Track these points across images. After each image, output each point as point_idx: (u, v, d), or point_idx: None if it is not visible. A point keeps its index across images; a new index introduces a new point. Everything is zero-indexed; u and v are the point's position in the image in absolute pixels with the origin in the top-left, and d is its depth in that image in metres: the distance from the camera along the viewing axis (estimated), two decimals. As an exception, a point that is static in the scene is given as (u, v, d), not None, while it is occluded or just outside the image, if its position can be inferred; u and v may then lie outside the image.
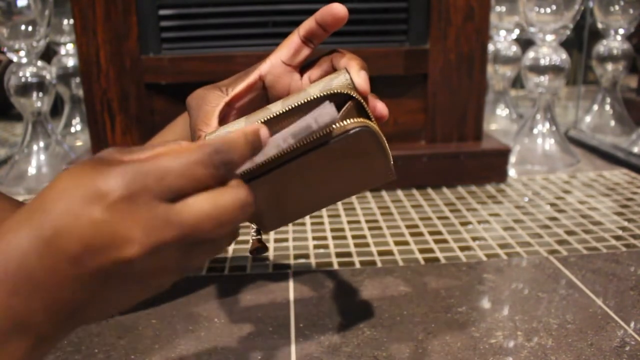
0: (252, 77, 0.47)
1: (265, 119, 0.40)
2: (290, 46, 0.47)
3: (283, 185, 0.40)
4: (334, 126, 0.37)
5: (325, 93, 0.40)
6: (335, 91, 0.40)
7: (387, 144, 0.41)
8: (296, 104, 0.40)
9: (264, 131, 0.33)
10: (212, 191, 0.30)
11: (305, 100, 0.40)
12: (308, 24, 0.46)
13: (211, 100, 0.46)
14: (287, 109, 0.40)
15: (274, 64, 0.47)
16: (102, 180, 0.28)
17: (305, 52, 0.47)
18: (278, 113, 0.40)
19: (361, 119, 0.39)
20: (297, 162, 0.38)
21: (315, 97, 0.40)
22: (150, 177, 0.29)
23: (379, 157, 0.41)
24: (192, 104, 0.47)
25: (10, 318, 0.28)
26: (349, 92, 0.40)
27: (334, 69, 0.46)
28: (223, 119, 0.46)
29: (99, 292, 0.29)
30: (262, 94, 0.49)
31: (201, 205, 0.30)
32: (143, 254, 0.28)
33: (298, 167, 0.38)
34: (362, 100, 0.41)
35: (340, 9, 0.45)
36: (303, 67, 0.49)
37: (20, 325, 0.28)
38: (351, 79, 0.41)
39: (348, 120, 0.38)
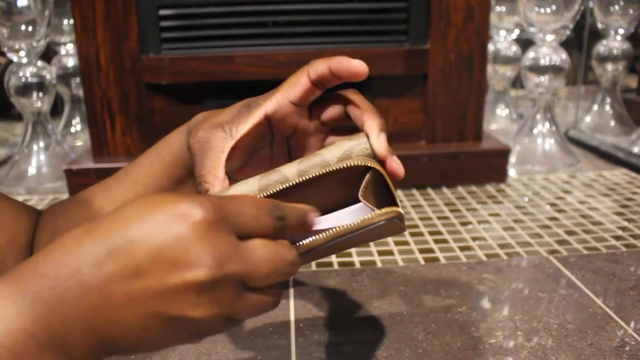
0: (257, 117, 0.44)
1: (282, 187, 0.39)
2: (299, 88, 0.43)
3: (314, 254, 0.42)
4: (367, 216, 0.38)
5: (344, 165, 0.39)
6: (355, 163, 0.39)
7: (404, 219, 0.41)
8: (314, 175, 0.39)
9: (311, 217, 0.35)
10: (271, 241, 0.32)
11: (323, 172, 0.39)
12: (320, 69, 0.42)
13: (216, 145, 0.43)
14: (304, 179, 0.39)
15: (281, 103, 0.44)
16: (187, 203, 0.29)
17: (316, 94, 0.44)
18: (294, 183, 0.39)
19: (387, 209, 0.38)
20: (332, 244, 0.39)
21: (334, 169, 0.39)
22: (231, 211, 0.30)
23: (399, 229, 0.42)
24: (196, 149, 0.44)
25: (50, 332, 0.27)
26: (369, 164, 0.40)
27: (346, 114, 0.44)
28: (226, 159, 0.45)
29: (142, 317, 0.29)
30: (266, 130, 0.46)
31: (264, 249, 0.31)
32: (209, 280, 0.29)
33: (332, 247, 0.40)
34: (381, 171, 0.40)
35: (360, 68, 0.41)
36: (311, 103, 0.46)
37: (58, 341, 0.27)
38: (370, 144, 0.41)
39: (374, 211, 0.38)
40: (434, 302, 0.64)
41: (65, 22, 1.38)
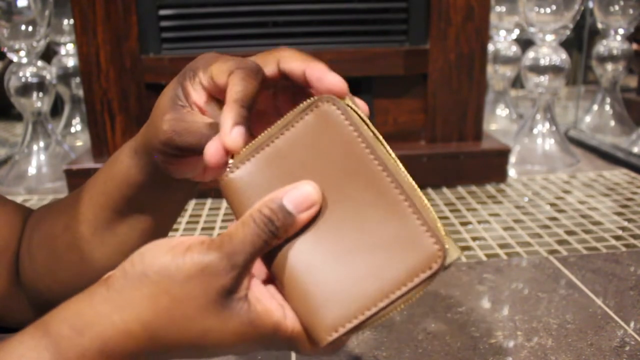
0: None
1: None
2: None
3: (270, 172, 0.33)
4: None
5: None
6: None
7: (424, 199, 0.31)
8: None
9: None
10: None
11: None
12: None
13: (188, 120, 0.38)
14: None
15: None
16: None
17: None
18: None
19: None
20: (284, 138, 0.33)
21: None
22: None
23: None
24: (176, 132, 0.38)
25: None
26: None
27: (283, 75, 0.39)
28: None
29: None
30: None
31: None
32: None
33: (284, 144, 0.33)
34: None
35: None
36: None
37: None
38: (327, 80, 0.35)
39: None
40: (434, 302, 0.64)
41: (65, 22, 1.38)
